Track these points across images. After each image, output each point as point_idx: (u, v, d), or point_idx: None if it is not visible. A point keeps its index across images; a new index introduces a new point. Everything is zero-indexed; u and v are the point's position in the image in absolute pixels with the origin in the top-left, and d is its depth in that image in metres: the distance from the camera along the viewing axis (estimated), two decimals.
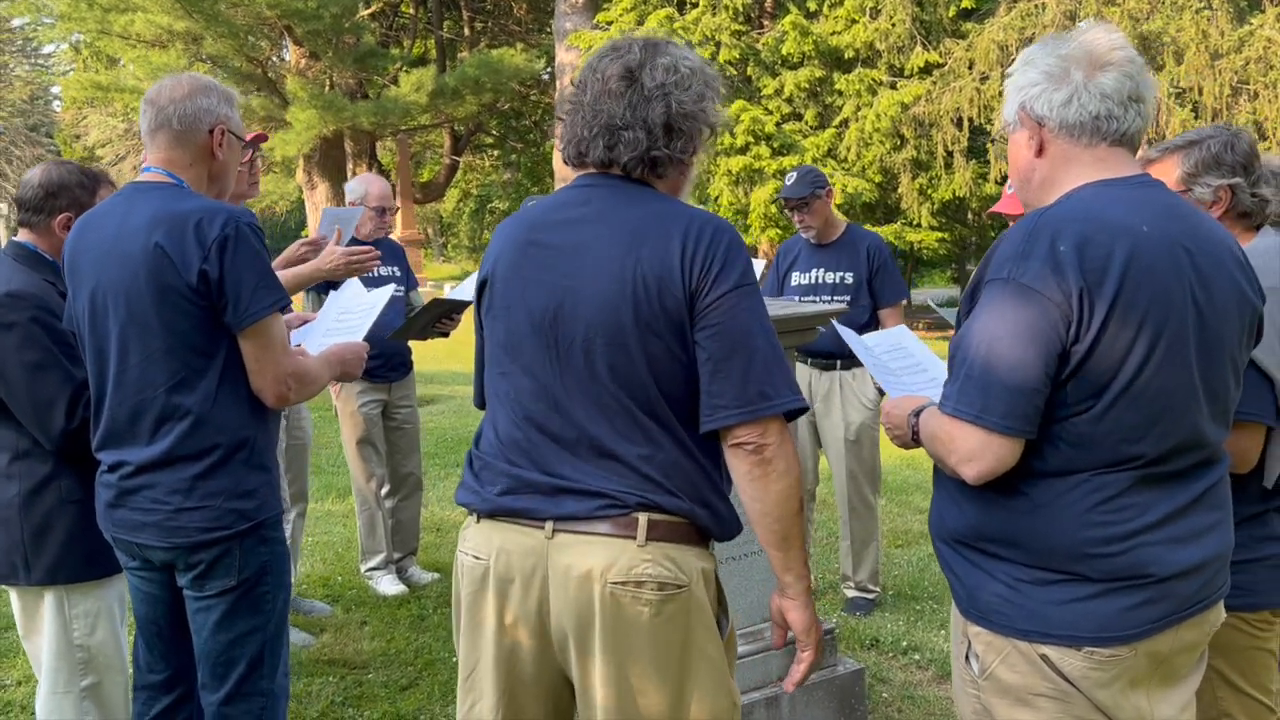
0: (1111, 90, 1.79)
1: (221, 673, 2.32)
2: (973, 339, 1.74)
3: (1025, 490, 1.78)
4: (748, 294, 1.84)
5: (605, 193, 1.91)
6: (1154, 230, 1.72)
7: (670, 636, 1.84)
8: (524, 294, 1.90)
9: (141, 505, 2.26)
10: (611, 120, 1.85)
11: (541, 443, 1.87)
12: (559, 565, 1.84)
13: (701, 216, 1.88)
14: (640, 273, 1.81)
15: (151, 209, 2.22)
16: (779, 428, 1.84)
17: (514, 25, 23.26)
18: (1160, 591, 1.76)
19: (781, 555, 1.91)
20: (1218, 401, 1.81)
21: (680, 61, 1.88)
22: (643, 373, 1.82)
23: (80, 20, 17.98)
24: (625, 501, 1.82)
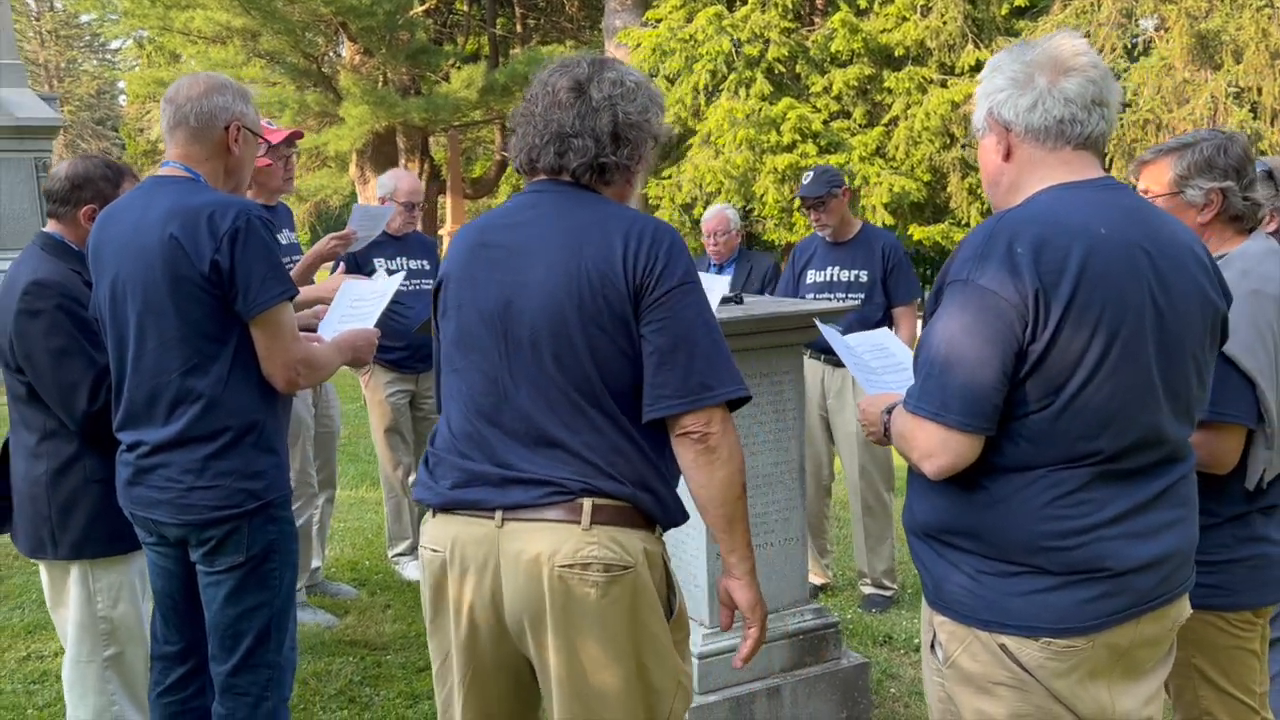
0: (1075, 94, 1.83)
1: (230, 645, 2.44)
2: (934, 339, 1.80)
3: (986, 485, 1.83)
4: (690, 291, 1.95)
5: (552, 198, 2.02)
6: (1112, 232, 1.76)
7: (617, 616, 1.94)
8: (474, 293, 2.01)
9: (157, 484, 2.39)
10: (562, 129, 1.97)
11: (491, 434, 1.98)
12: (509, 552, 1.94)
13: (643, 219, 2.00)
14: (584, 270, 1.91)
15: (168, 202, 2.34)
16: (722, 416, 1.95)
17: (565, 23, 23.39)
18: (1118, 585, 1.80)
19: (727, 537, 2.02)
20: (1179, 400, 1.84)
21: (625, 76, 2.02)
22: (587, 365, 1.92)
23: (143, 16, 18.43)
24: (570, 488, 1.92)
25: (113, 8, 19.86)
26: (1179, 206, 2.36)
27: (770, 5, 16.62)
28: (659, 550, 2.03)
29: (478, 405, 2.00)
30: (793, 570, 3.53)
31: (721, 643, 3.38)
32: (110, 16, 23.38)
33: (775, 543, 3.49)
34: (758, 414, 3.40)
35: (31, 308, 2.66)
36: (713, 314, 2.00)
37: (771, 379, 3.41)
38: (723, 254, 5.46)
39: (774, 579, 3.49)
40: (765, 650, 3.44)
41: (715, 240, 5.41)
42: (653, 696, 2.00)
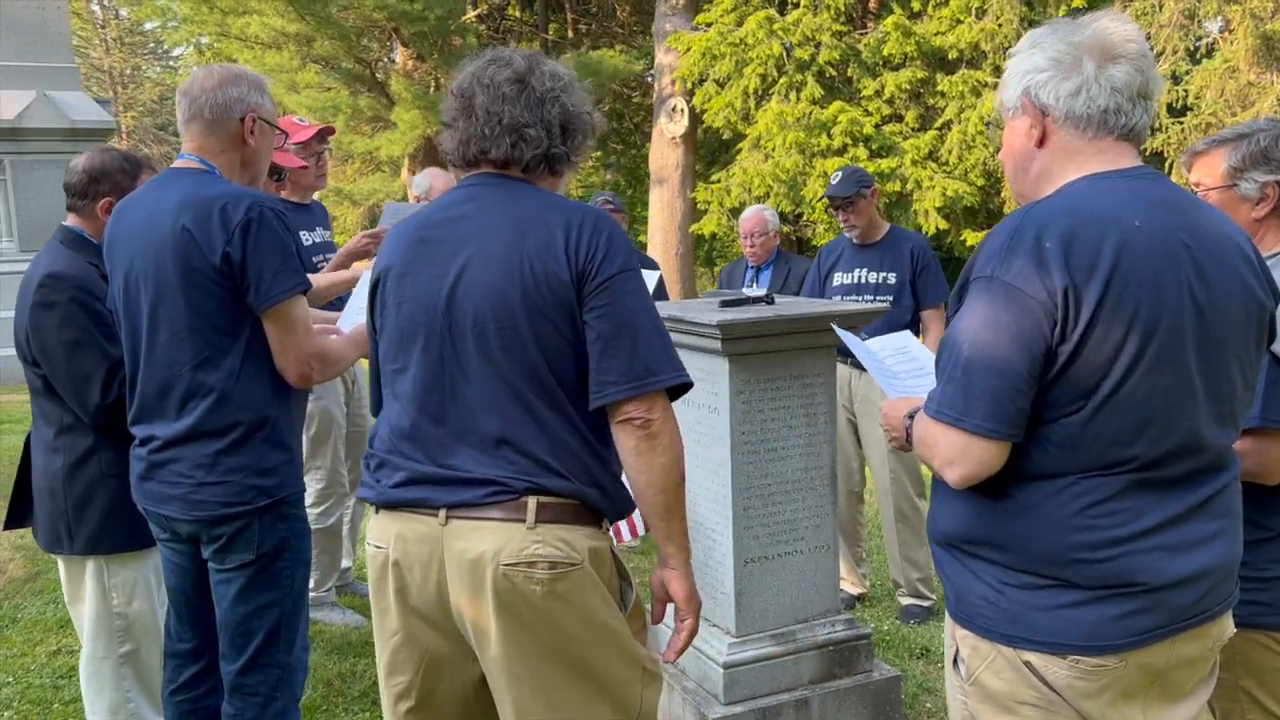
0: (1122, 84, 1.72)
1: (240, 644, 2.41)
2: (956, 339, 1.70)
3: (1012, 493, 1.73)
4: (630, 278, 1.95)
5: (490, 190, 2.01)
6: (1148, 224, 1.65)
7: (565, 612, 1.92)
8: (414, 288, 1.99)
9: (168, 479, 2.36)
10: (515, 121, 1.97)
11: (435, 433, 1.96)
12: (454, 550, 1.92)
13: (582, 208, 2.02)
14: (527, 259, 1.91)
15: (180, 194, 2.31)
16: (664, 403, 1.95)
17: (617, 27, 23.41)
18: (1152, 601, 1.68)
19: (665, 525, 2.00)
20: (1222, 404, 1.72)
21: (559, 69, 2.05)
22: (534, 354, 1.92)
23: (202, 23, 18.77)
24: (514, 487, 1.91)
25: (173, 15, 20.26)
26: (1232, 200, 2.23)
27: (822, 8, 16.48)
28: (606, 544, 2.02)
29: (420, 403, 1.97)
30: (823, 579, 3.42)
31: (748, 652, 3.29)
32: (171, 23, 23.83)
33: (805, 550, 3.39)
34: (788, 417, 3.31)
35: (46, 300, 2.65)
36: (652, 302, 2.00)
37: (803, 381, 3.32)
38: (760, 255, 5.36)
39: (804, 587, 3.40)
40: (794, 660, 3.35)
41: (752, 241, 5.32)
42: (616, 689, 1.99)
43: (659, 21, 18.19)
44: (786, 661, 3.33)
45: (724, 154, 19.30)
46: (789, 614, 3.38)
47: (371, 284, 2.09)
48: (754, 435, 3.27)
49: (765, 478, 3.31)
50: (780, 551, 3.36)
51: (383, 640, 2.06)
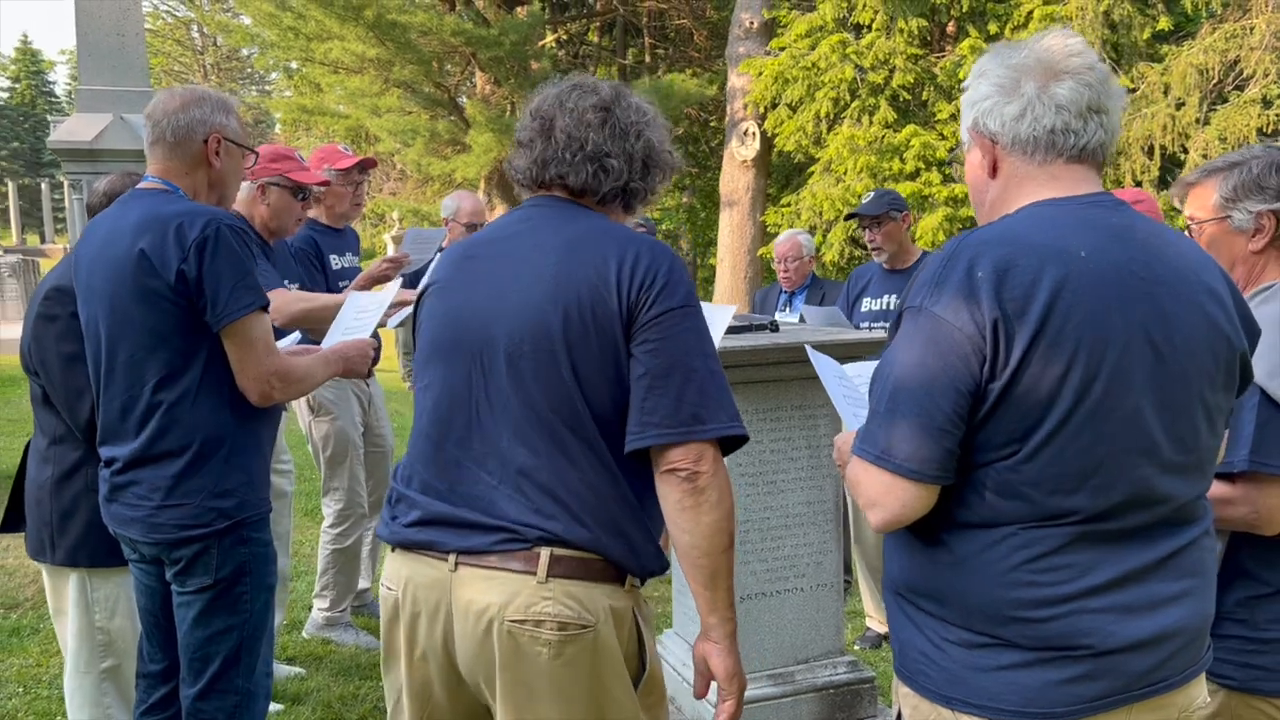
0: (1068, 101, 1.60)
1: (198, 668, 2.39)
2: (882, 373, 1.60)
3: (948, 541, 1.61)
4: (690, 315, 1.79)
5: (547, 212, 1.91)
6: (1096, 255, 1.52)
7: (572, 680, 1.76)
8: (451, 304, 1.89)
9: (129, 501, 2.36)
10: (598, 149, 1.87)
11: (459, 459, 1.84)
12: (461, 600, 1.80)
13: (642, 237, 1.85)
14: (574, 283, 1.78)
15: (138, 214, 2.32)
16: (714, 455, 1.77)
17: (694, 52, 23.46)
18: (1101, 666, 1.54)
19: (709, 594, 1.81)
20: (1186, 453, 1.58)
21: (644, 104, 1.95)
22: (569, 384, 1.77)
23: (288, 48, 19.32)
24: (526, 536, 1.77)
25: (262, 40, 20.88)
26: (1226, 233, 2.08)
27: (896, 32, 16.27)
28: (628, 605, 1.83)
29: (446, 426, 1.85)
30: (825, 619, 3.29)
31: None
32: (256, 50, 24.62)
33: (806, 588, 3.26)
34: (789, 449, 3.20)
35: (49, 313, 2.69)
36: (713, 345, 1.82)
37: (805, 411, 3.20)
38: (794, 280, 5.24)
39: (804, 626, 3.27)
40: (792, 703, 3.22)
41: (786, 266, 5.20)
42: None
43: (732, 45, 18.16)
44: (784, 704, 3.20)
45: (797, 177, 19.14)
46: (788, 654, 3.26)
47: (416, 299, 2.02)
48: (752, 467, 3.17)
49: (764, 511, 3.20)
50: (779, 588, 3.24)
51: (390, 688, 1.95)
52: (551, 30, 21.49)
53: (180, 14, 39.51)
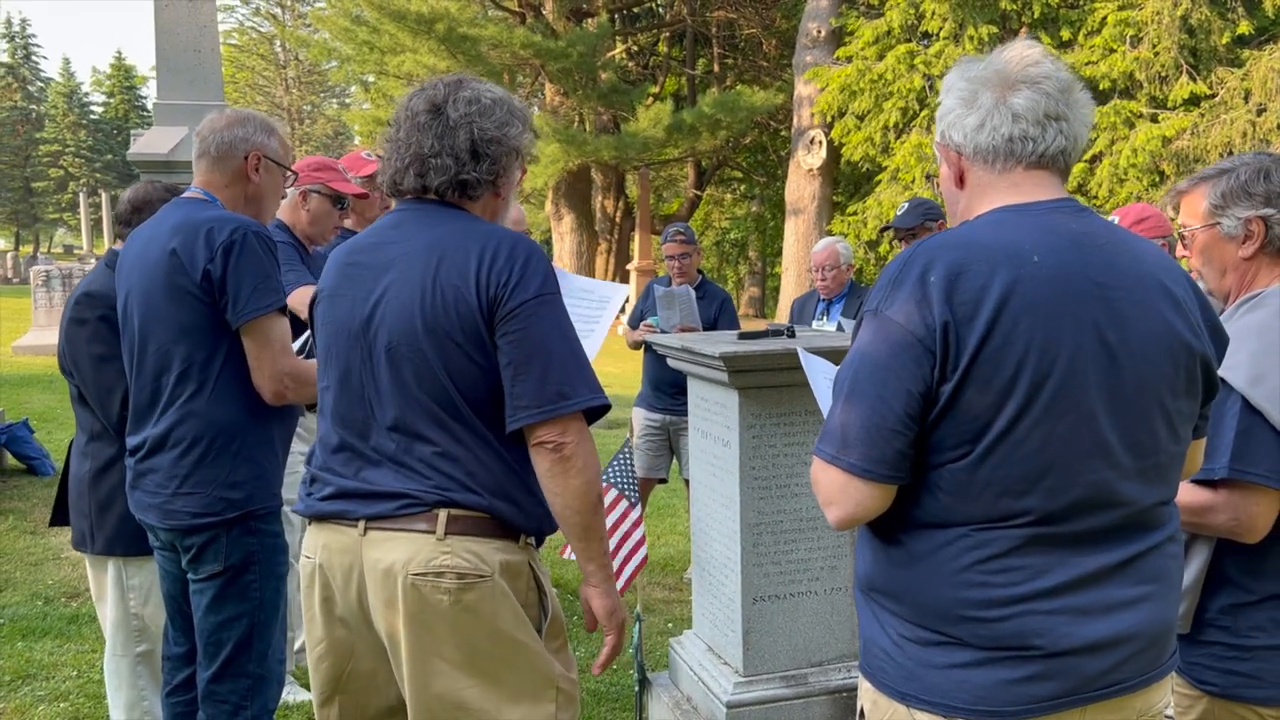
0: (1024, 109, 1.62)
1: (212, 652, 2.50)
2: (841, 374, 1.63)
3: (904, 540, 1.63)
4: (546, 302, 1.95)
5: (415, 215, 2.07)
6: (1050, 260, 1.54)
7: (473, 624, 1.94)
8: (339, 310, 2.06)
9: (148, 488, 2.49)
10: (420, 150, 2.02)
11: (358, 448, 2.02)
12: (370, 560, 1.97)
13: (503, 233, 2.00)
14: (438, 283, 1.94)
15: (175, 220, 2.48)
16: (578, 426, 1.96)
17: (763, 61, 23.46)
18: (1051, 666, 1.55)
19: (583, 545, 2.01)
20: (1144, 457, 1.58)
21: (482, 94, 2.06)
22: (442, 378, 1.94)
23: (362, 61, 19.87)
24: (425, 500, 1.95)
25: (339, 54, 21.51)
26: (1216, 241, 2.07)
27: (965, 39, 16.07)
28: (523, 559, 2.03)
29: (344, 420, 2.04)
30: (838, 622, 3.30)
31: (754, 693, 3.20)
32: (334, 64, 25.26)
33: (820, 591, 3.28)
34: (803, 453, 3.22)
35: (80, 316, 2.88)
36: (571, 326, 2.00)
37: (818, 417, 3.22)
38: (831, 289, 5.24)
39: (818, 629, 3.29)
40: (804, 705, 3.24)
41: (824, 275, 5.20)
42: (525, 704, 1.99)
43: (799, 54, 18.14)
44: (795, 705, 3.22)
45: (865, 185, 19.00)
46: (801, 656, 3.28)
47: (310, 305, 2.20)
48: (765, 470, 3.20)
49: (777, 514, 3.23)
50: (792, 591, 3.26)
51: (310, 648, 2.12)
52: (621, 41, 21.68)
53: (264, 29, 40.76)
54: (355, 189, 3.88)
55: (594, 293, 3.13)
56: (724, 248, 29.98)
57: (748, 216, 27.69)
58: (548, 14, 20.73)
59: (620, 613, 2.09)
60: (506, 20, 20.18)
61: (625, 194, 23.87)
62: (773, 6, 22.54)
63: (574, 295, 3.06)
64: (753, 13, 22.88)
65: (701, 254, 5.72)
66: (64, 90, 51.69)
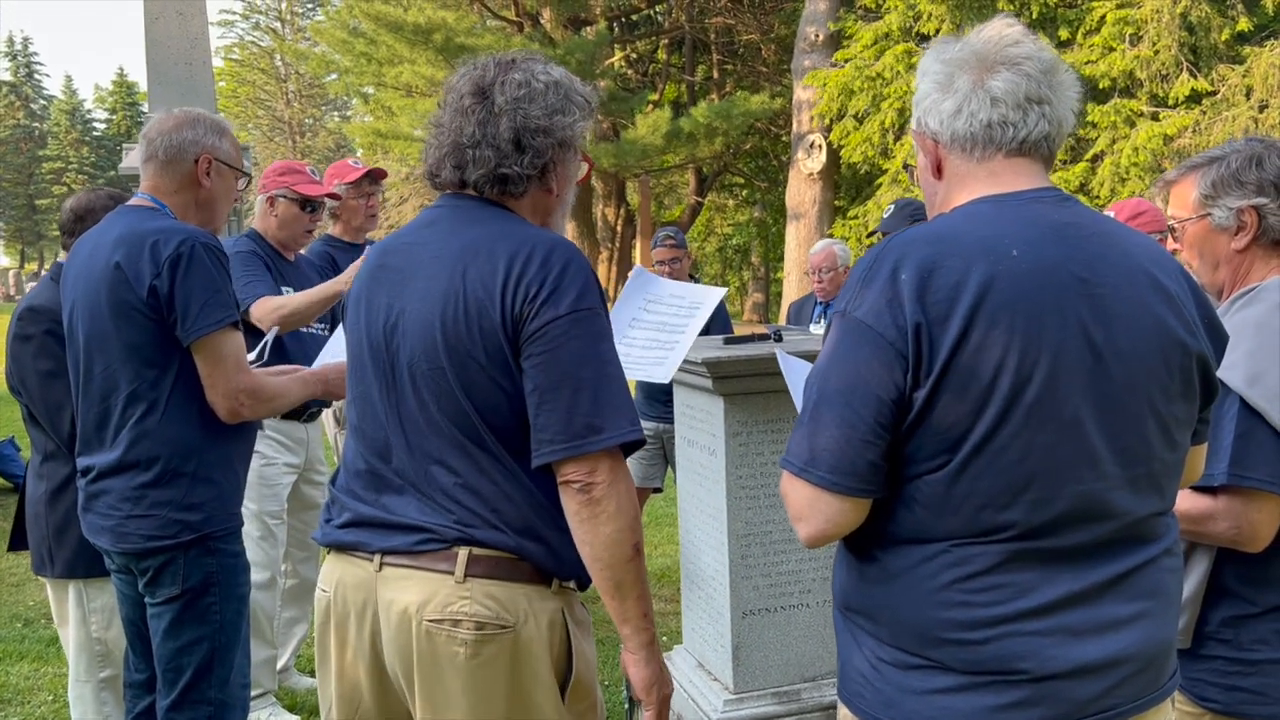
0: (1003, 92, 1.51)
1: (171, 678, 2.39)
2: (810, 381, 1.52)
3: (880, 557, 1.52)
4: (581, 320, 1.70)
5: (450, 213, 1.85)
6: (1030, 255, 1.43)
7: (490, 682, 1.72)
8: (365, 318, 1.87)
9: (101, 510, 2.38)
10: (460, 138, 1.81)
11: (381, 471, 1.82)
12: (385, 599, 1.78)
13: (540, 237, 1.76)
14: (463, 295, 1.72)
15: (120, 229, 2.36)
16: (610, 464, 1.71)
17: (762, 67, 23.38)
18: (1040, 691, 1.44)
19: (617, 605, 1.75)
20: (1135, 465, 1.47)
21: (534, 76, 1.83)
22: (463, 402, 1.73)
23: (360, 73, 19.82)
24: (445, 536, 1.74)
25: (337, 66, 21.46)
26: (1208, 233, 1.96)
27: None
28: (557, 607, 1.79)
29: (368, 438, 1.84)
30: (832, 636, 3.18)
31: (745, 710, 3.09)
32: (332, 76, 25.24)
33: (812, 604, 3.17)
34: None
35: (24, 332, 2.78)
36: (610, 347, 1.74)
37: None
38: (829, 291, 5.13)
39: (811, 643, 3.18)
40: None
41: (820, 277, 5.10)
42: None
43: (798, 59, 18.04)
44: None
45: (866, 189, 18.89)
46: (793, 671, 3.17)
47: (341, 311, 2.04)
48: (753, 479, 3.09)
49: (766, 525, 3.12)
50: (783, 604, 3.15)
51: (322, 694, 1.93)
52: (620, 48, 21.61)
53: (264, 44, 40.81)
54: (323, 191, 3.78)
55: (685, 297, 2.95)
56: (727, 254, 29.85)
57: (750, 222, 27.56)
58: (545, 23, 20.68)
59: (665, 685, 1.81)
60: (504, 29, 20.12)
61: (626, 202, 23.78)
62: (771, 12, 22.48)
63: (664, 301, 2.89)
64: (751, 19, 22.81)
65: (692, 258, 5.62)
66: (66, 107, 51.82)
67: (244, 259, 3.48)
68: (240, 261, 3.42)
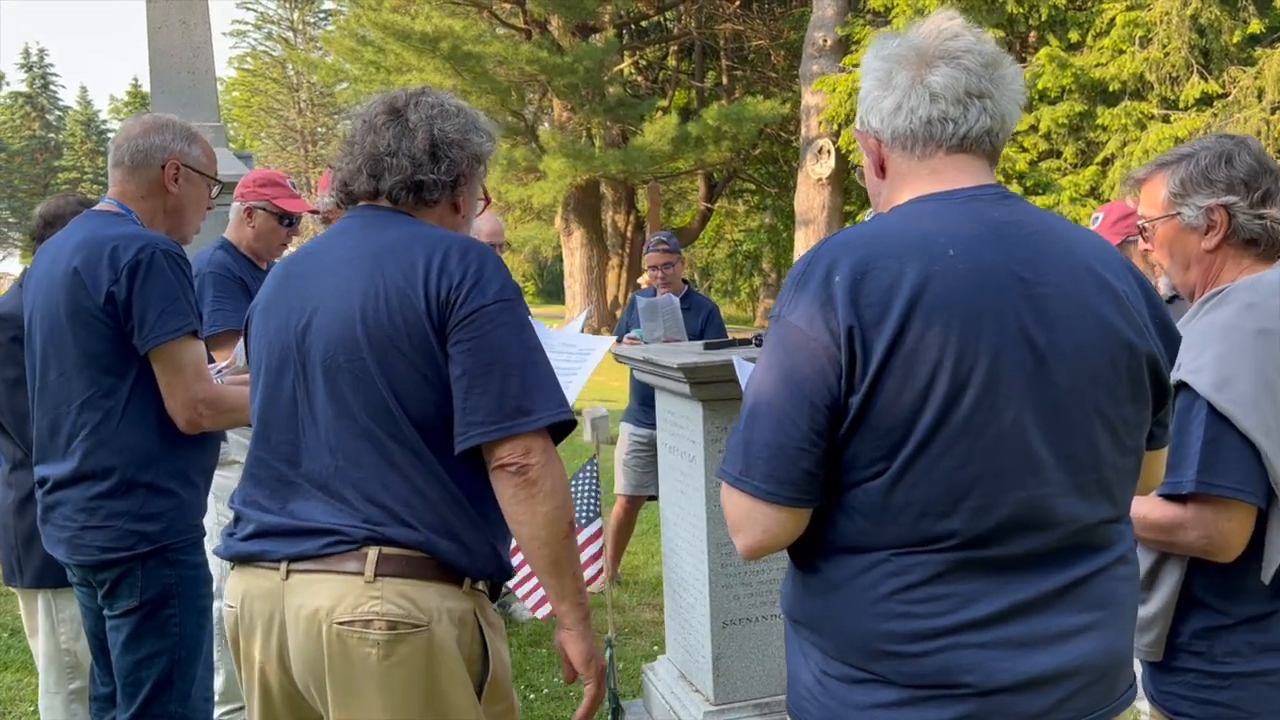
0: (942, 87, 1.46)
1: (130, 692, 2.36)
2: (747, 388, 1.48)
3: (821, 567, 1.48)
4: (507, 308, 1.77)
5: (361, 221, 1.90)
6: (968, 254, 1.38)
7: (404, 682, 1.71)
8: (273, 322, 1.88)
9: (58, 522, 2.35)
10: (375, 150, 1.87)
11: (285, 478, 1.82)
12: (292, 607, 1.76)
13: (455, 237, 1.83)
14: (382, 288, 1.76)
15: (81, 235, 2.33)
16: (543, 445, 1.75)
17: (771, 73, 23.33)
18: (985, 706, 1.39)
19: (555, 582, 1.79)
20: (1082, 471, 1.41)
21: (445, 101, 1.94)
22: (384, 393, 1.75)
23: (369, 81, 19.86)
24: (353, 536, 1.73)
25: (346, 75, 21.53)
26: (1178, 232, 1.90)
27: None
28: (467, 607, 1.79)
29: (273, 445, 1.84)
30: None
31: None
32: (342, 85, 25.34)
33: None
34: None
35: None
36: (534, 335, 1.80)
37: None
38: None
39: None
40: None
41: None
42: None
43: (806, 64, 17.98)
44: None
45: None
46: (774, 682, 3.11)
47: (245, 321, 2.02)
48: None
49: None
50: (765, 614, 3.10)
51: (247, 705, 1.91)
52: (630, 54, 21.59)
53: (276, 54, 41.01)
54: (301, 206, 3.74)
55: (575, 346, 3.02)
56: (737, 260, 29.77)
57: (760, 228, 27.49)
58: (554, 30, 20.67)
59: (600, 660, 1.85)
60: (512, 37, 20.13)
61: (636, 208, 23.74)
62: (780, 18, 22.43)
63: (555, 350, 2.94)
64: (761, 24, 22.77)
65: (684, 263, 5.58)
66: (81, 118, 52.19)
67: (217, 282, 3.38)
68: (213, 284, 3.36)
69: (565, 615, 1.81)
